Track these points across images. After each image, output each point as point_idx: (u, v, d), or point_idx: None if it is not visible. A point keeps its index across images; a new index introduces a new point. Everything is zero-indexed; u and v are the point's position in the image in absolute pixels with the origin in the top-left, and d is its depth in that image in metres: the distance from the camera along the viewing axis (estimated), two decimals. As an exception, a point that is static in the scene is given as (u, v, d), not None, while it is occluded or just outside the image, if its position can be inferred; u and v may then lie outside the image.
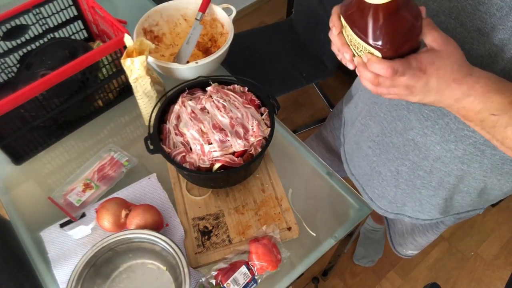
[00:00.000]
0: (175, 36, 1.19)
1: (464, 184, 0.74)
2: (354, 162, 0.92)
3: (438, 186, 0.76)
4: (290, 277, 0.82)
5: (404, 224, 1.07)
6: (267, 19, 2.54)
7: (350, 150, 0.96)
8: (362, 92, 0.88)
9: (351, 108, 0.94)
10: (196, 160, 0.82)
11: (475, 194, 0.77)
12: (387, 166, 0.81)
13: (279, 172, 0.93)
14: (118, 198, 0.85)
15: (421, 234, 1.04)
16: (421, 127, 0.69)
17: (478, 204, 0.83)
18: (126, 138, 1.04)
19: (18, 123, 0.92)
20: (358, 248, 1.67)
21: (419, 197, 0.82)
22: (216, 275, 0.77)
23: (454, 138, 0.66)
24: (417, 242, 1.09)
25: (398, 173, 0.80)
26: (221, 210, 0.88)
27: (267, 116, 0.88)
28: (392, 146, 0.78)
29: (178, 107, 0.88)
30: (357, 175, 0.92)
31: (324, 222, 0.89)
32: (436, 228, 0.99)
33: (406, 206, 0.86)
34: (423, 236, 1.04)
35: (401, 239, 1.13)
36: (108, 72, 1.02)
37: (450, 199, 0.80)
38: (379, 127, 0.80)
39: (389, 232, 1.16)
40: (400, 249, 1.17)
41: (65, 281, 0.79)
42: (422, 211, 0.85)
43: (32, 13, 1.03)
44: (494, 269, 1.67)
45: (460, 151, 0.67)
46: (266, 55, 1.69)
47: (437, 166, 0.73)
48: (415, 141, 0.72)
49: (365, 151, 0.86)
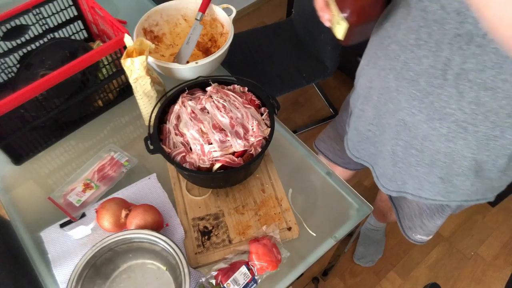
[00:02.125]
0: (175, 36, 1.19)
1: (457, 165, 0.77)
2: (357, 147, 0.97)
3: (431, 164, 0.80)
4: (290, 277, 0.82)
5: (411, 208, 1.09)
6: (267, 19, 2.54)
7: (352, 136, 1.00)
8: (359, 79, 0.91)
9: (354, 97, 0.98)
10: (196, 160, 0.82)
11: (473, 176, 0.78)
12: (385, 146, 0.87)
13: (279, 172, 0.93)
14: (118, 198, 0.85)
15: (428, 217, 1.06)
16: (409, 106, 0.74)
17: (484, 191, 0.84)
18: (126, 138, 1.04)
19: (18, 123, 0.92)
20: (358, 248, 1.67)
21: (417, 175, 0.85)
22: (216, 275, 0.77)
23: (438, 116, 0.70)
24: (425, 226, 1.10)
25: (394, 152, 0.85)
26: (221, 210, 0.88)
27: (267, 116, 0.88)
28: (387, 127, 0.83)
29: (178, 107, 0.88)
30: (364, 157, 0.97)
31: (324, 222, 0.89)
32: (442, 211, 1.00)
33: (407, 184, 0.89)
34: (431, 219, 1.06)
35: (410, 223, 1.14)
36: (108, 72, 1.02)
37: (448, 181, 0.82)
38: (375, 110, 0.85)
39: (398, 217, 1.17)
40: (410, 233, 1.18)
41: (65, 281, 0.79)
42: (422, 189, 0.88)
43: (32, 13, 1.03)
44: (494, 269, 1.67)
45: (445, 128, 0.71)
46: (266, 55, 1.69)
47: (427, 144, 0.77)
48: (405, 121, 0.77)
49: (366, 135, 0.91)
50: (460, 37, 0.60)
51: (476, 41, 0.59)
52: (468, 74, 0.62)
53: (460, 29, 0.59)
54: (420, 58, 0.67)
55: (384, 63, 0.77)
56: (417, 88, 0.70)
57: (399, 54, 0.72)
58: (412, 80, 0.71)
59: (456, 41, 0.61)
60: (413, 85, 0.71)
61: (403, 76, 0.72)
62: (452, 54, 0.62)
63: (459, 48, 0.61)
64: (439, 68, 0.65)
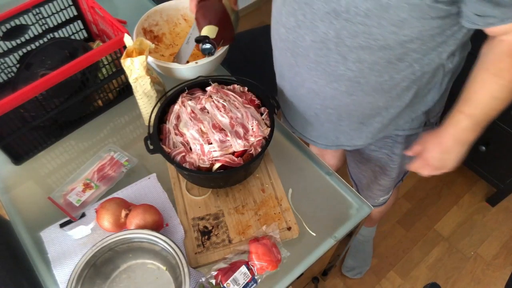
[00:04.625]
0: (175, 36, 1.19)
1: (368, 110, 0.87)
2: (290, 117, 1.05)
3: (348, 115, 0.90)
4: (290, 277, 0.82)
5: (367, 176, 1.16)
6: (267, 19, 2.53)
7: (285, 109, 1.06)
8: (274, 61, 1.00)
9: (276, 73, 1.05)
10: (196, 160, 0.82)
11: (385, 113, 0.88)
12: (308, 112, 0.96)
13: (279, 172, 0.93)
14: (118, 198, 0.85)
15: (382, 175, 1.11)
16: (310, 76, 0.84)
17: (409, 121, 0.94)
18: (126, 138, 1.04)
19: (18, 123, 0.92)
20: (347, 260, 1.66)
21: (342, 129, 0.95)
22: (216, 275, 0.77)
23: (334, 78, 0.81)
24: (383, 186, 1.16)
25: (317, 115, 0.94)
26: (221, 210, 0.88)
27: (267, 116, 0.88)
28: (303, 97, 0.93)
29: (178, 107, 0.88)
30: (296, 126, 1.05)
31: (324, 222, 0.89)
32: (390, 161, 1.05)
33: (340, 138, 0.99)
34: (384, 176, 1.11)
35: (369, 192, 1.21)
36: (108, 72, 1.02)
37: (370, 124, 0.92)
38: (289, 85, 0.95)
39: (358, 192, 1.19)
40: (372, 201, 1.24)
41: (65, 281, 0.79)
42: (353, 139, 0.98)
43: (32, 13, 1.03)
44: (494, 269, 1.67)
45: (343, 87, 0.82)
46: (266, 55, 1.68)
47: (336, 102, 0.87)
48: (313, 89, 0.87)
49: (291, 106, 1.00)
50: (328, 14, 0.70)
51: (343, 16, 0.69)
52: (344, 41, 0.73)
53: (327, 7, 0.70)
54: (303, 36, 0.78)
55: (281, 44, 0.87)
56: (310, 60, 0.81)
57: (287, 36, 0.82)
58: (304, 55, 0.81)
59: (327, 18, 0.71)
60: (306, 59, 0.81)
61: (297, 53, 0.83)
62: (327, 29, 0.73)
63: (331, 23, 0.71)
64: (319, 41, 0.76)
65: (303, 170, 0.97)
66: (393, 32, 0.69)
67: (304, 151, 1.00)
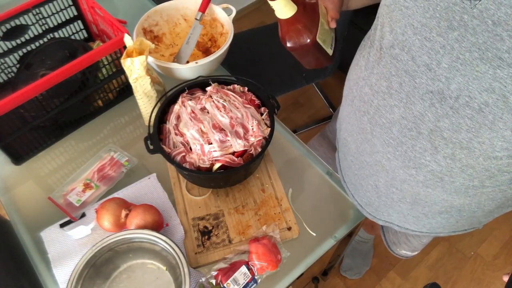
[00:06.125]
0: (175, 36, 1.19)
1: (439, 206, 0.74)
2: (344, 170, 0.93)
3: (413, 202, 0.76)
4: (290, 277, 0.82)
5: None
6: (267, 19, 2.54)
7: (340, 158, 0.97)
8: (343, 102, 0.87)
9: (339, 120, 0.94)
10: (196, 160, 0.82)
11: (456, 214, 0.76)
12: (366, 180, 0.83)
13: (279, 172, 0.93)
14: (118, 198, 0.85)
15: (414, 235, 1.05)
16: (384, 151, 0.70)
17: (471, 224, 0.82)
18: (126, 138, 1.04)
19: (18, 123, 0.92)
20: (345, 260, 1.64)
21: (400, 210, 0.82)
22: (216, 275, 0.77)
23: (413, 164, 0.67)
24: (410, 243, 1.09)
25: (377, 187, 0.81)
26: (221, 210, 0.88)
27: (267, 116, 0.88)
28: (366, 164, 0.79)
29: (178, 107, 0.88)
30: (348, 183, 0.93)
31: (324, 222, 0.89)
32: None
33: (392, 216, 0.86)
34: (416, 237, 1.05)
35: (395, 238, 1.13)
36: (108, 72, 1.02)
37: (432, 218, 0.79)
38: (354, 145, 0.81)
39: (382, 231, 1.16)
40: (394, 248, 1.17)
41: (65, 281, 0.79)
42: (407, 222, 0.84)
43: (32, 13, 1.03)
44: (494, 269, 1.67)
45: (421, 176, 0.68)
46: (266, 55, 1.69)
47: (405, 187, 0.73)
48: (382, 163, 0.73)
49: (349, 163, 0.87)
50: (431, 94, 0.56)
51: (449, 103, 0.54)
52: (442, 132, 0.58)
53: (431, 86, 0.55)
54: (392, 107, 0.63)
55: (359, 104, 0.73)
56: (391, 136, 0.67)
57: (372, 99, 0.68)
58: (385, 127, 0.67)
59: (428, 97, 0.57)
60: (387, 132, 0.67)
61: (376, 122, 0.69)
62: (424, 110, 0.58)
63: (432, 105, 0.57)
64: (411, 120, 0.61)
65: (303, 170, 0.97)
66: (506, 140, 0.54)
67: (304, 151, 1.00)
